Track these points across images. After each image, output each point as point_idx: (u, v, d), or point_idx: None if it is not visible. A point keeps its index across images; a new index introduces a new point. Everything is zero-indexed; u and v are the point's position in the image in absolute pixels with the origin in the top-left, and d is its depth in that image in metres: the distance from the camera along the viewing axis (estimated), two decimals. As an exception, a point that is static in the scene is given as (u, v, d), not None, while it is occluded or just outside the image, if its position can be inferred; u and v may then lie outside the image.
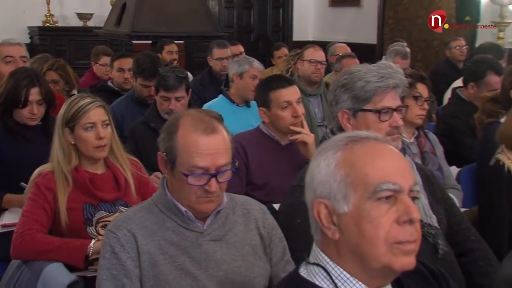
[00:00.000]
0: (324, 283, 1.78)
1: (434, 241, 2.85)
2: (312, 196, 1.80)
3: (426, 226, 2.86)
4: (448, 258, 2.89)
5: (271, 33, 13.77)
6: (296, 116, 3.98)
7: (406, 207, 1.71)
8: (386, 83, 2.83)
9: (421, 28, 11.35)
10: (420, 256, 2.47)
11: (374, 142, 1.81)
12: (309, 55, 6.28)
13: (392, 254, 1.71)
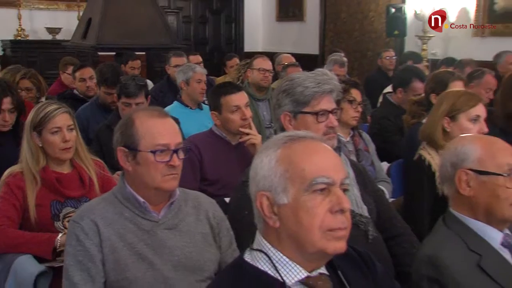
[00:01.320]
0: (266, 266, 1.79)
1: (365, 229, 2.89)
2: (255, 189, 1.81)
3: (358, 216, 2.90)
4: (377, 242, 2.93)
5: (225, 45, 13.75)
6: (245, 119, 4.00)
7: (338, 198, 1.74)
8: (322, 88, 2.87)
9: (357, 40, 11.49)
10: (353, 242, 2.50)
11: (310, 141, 1.83)
12: (258, 64, 6.30)
13: (326, 239, 1.73)
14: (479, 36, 9.37)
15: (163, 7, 12.43)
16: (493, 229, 2.37)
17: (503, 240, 2.38)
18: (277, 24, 13.30)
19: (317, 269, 1.82)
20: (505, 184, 2.33)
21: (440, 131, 3.55)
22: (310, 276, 1.79)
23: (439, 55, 9.35)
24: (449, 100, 3.59)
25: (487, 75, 5.62)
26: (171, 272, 2.43)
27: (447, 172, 2.44)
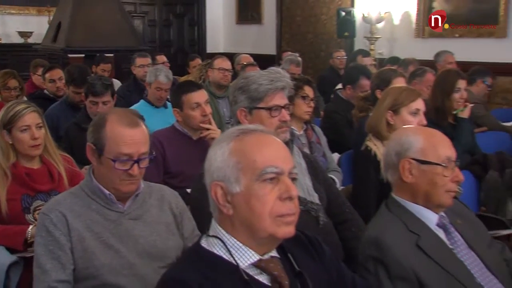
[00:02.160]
0: (221, 251, 1.80)
1: (316, 215, 2.91)
2: (210, 180, 1.82)
3: (309, 203, 2.92)
4: (328, 227, 2.96)
5: (188, 47, 13.68)
6: (205, 115, 4.00)
7: (286, 186, 1.75)
8: (275, 85, 2.88)
9: (311, 41, 11.52)
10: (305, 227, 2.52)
11: (260, 134, 1.84)
12: (218, 64, 6.31)
13: (276, 225, 1.74)
14: (420, 37, 9.48)
15: (130, 12, 12.41)
16: (430, 212, 2.43)
17: (439, 221, 2.44)
18: (237, 27, 13.28)
19: (268, 252, 1.83)
20: (442, 173, 2.38)
21: (384, 124, 3.59)
22: (262, 259, 1.81)
23: (385, 55, 9.43)
24: (392, 96, 3.63)
25: (428, 73, 5.70)
26: (136, 259, 2.41)
27: (391, 161, 2.47)
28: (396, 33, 9.88)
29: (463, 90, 4.81)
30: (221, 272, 1.76)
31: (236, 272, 1.76)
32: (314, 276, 1.88)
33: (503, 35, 8.45)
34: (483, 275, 2.38)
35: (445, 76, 4.91)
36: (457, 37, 8.92)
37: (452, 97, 4.73)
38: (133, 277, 2.38)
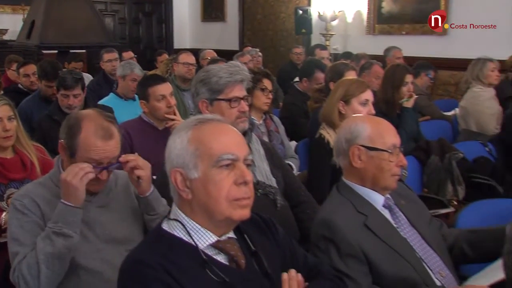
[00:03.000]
0: (181, 233, 1.78)
1: (274, 198, 2.92)
2: (170, 166, 1.80)
3: (267, 187, 2.93)
4: (285, 210, 2.97)
5: (156, 43, 13.55)
6: (170, 107, 3.98)
7: (241, 172, 1.75)
8: (234, 78, 2.87)
9: (271, 37, 11.52)
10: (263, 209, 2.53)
11: (216, 123, 1.83)
12: (183, 59, 6.27)
13: (232, 208, 1.74)
14: (370, 34, 9.54)
15: (101, 10, 12.29)
16: (377, 194, 2.44)
17: (384, 202, 2.45)
18: (202, 24, 13.21)
19: (226, 234, 1.82)
20: (388, 158, 2.40)
21: (337, 113, 3.61)
22: (219, 240, 1.80)
23: (339, 50, 9.49)
24: (343, 87, 3.65)
25: (375, 65, 5.78)
26: (103, 244, 2.38)
27: (342, 147, 2.48)
28: (349, 30, 9.94)
29: (410, 84, 4.89)
30: (181, 252, 1.74)
31: (195, 253, 1.74)
32: (268, 254, 1.88)
33: (443, 33, 8.51)
34: (424, 250, 2.41)
35: (394, 71, 4.96)
36: (403, 34, 9.02)
37: (400, 90, 4.81)
38: (101, 261, 2.35)
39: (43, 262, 2.20)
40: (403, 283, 2.26)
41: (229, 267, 1.79)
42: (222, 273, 1.74)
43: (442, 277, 2.36)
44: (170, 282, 1.66)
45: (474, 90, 5.90)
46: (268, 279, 1.83)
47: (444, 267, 2.41)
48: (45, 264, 2.20)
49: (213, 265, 1.75)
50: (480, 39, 7.62)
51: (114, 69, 6.80)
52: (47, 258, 2.20)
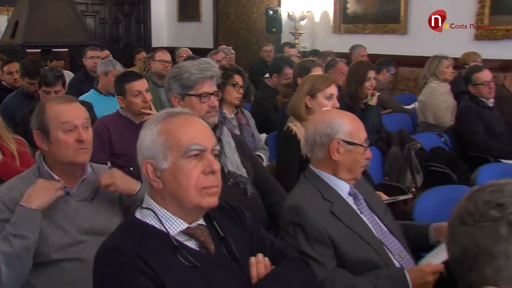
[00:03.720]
0: (153, 221, 1.77)
1: (244, 187, 2.92)
2: (141, 158, 1.79)
3: (238, 177, 2.92)
4: (255, 197, 2.97)
5: (135, 42, 13.44)
6: (145, 102, 3.96)
7: (209, 162, 1.73)
8: (204, 74, 2.86)
9: (243, 36, 11.52)
10: (235, 197, 2.53)
11: (185, 116, 1.81)
12: (159, 57, 6.20)
13: (201, 196, 1.73)
14: (337, 33, 9.57)
15: (82, 11, 12.25)
16: (344, 182, 2.45)
17: (350, 190, 2.47)
18: (178, 24, 13.15)
19: (196, 221, 1.81)
20: (362, 152, 2.44)
21: (303, 107, 3.60)
22: (190, 227, 1.78)
23: (307, 48, 9.48)
24: (309, 82, 3.64)
25: (340, 63, 5.81)
26: (84, 237, 2.36)
27: (319, 140, 2.45)
28: (316, 29, 9.96)
29: (373, 79, 4.91)
30: (153, 239, 1.72)
31: (166, 239, 1.73)
32: (237, 240, 1.87)
33: (404, 32, 8.64)
34: (384, 234, 2.43)
35: (357, 68, 4.98)
36: (367, 33, 9.06)
37: (364, 85, 4.83)
38: (81, 252, 2.33)
39: (3, 262, 2.18)
40: (365, 265, 2.28)
41: (199, 252, 1.78)
42: (193, 258, 1.72)
43: (401, 258, 2.39)
44: (143, 268, 1.64)
45: (431, 85, 5.97)
46: (236, 263, 1.83)
47: (402, 249, 2.44)
48: (5, 264, 2.18)
49: (184, 251, 1.73)
50: (436, 38, 7.69)
51: (96, 65, 6.70)
52: (6, 258, 2.18)
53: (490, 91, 5.16)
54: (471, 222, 1.09)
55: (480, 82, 5.14)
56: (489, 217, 1.07)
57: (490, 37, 7.55)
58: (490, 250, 1.06)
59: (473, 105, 5.16)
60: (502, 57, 6.95)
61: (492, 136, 5.07)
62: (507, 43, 7.37)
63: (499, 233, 1.05)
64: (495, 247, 1.05)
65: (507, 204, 1.06)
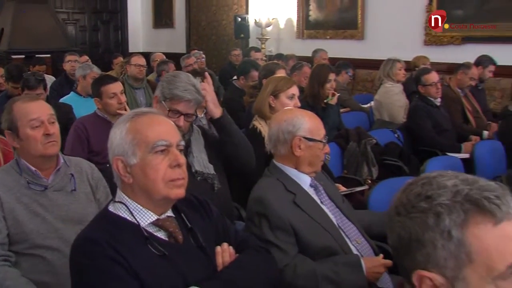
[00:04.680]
0: (125, 213, 1.75)
1: (212, 182, 2.88)
2: (112, 155, 1.77)
3: (206, 173, 2.87)
4: (222, 191, 2.93)
5: (113, 47, 13.29)
6: (120, 103, 3.91)
7: (175, 156, 1.74)
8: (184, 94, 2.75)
9: (214, 42, 11.49)
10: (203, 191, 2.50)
11: (151, 115, 1.81)
12: (134, 61, 6.16)
13: (169, 188, 1.72)
14: (300, 38, 9.60)
15: (64, 19, 12.15)
16: (305, 175, 2.46)
17: (311, 182, 2.48)
18: (153, 31, 13.07)
19: (165, 212, 1.80)
20: (321, 148, 2.46)
21: (267, 106, 3.58)
22: (159, 219, 1.77)
23: (273, 52, 9.49)
24: (272, 83, 3.63)
25: (305, 67, 5.79)
26: (60, 224, 2.33)
27: (282, 137, 2.46)
28: (281, 35, 9.97)
29: (333, 81, 4.93)
30: (125, 231, 1.71)
31: (137, 230, 1.72)
32: (203, 230, 1.87)
33: (361, 38, 8.71)
34: (342, 221, 2.45)
35: (319, 70, 4.99)
36: (328, 38, 9.10)
37: (325, 86, 4.84)
38: (58, 239, 2.31)
39: None
40: (325, 251, 2.29)
41: (168, 242, 1.77)
42: (162, 247, 1.72)
43: (357, 243, 2.41)
44: (116, 257, 1.63)
45: (385, 86, 6.02)
46: (203, 251, 1.82)
47: (359, 235, 2.47)
48: None
49: (154, 241, 1.72)
50: (390, 43, 7.79)
51: (74, 69, 6.61)
52: None
53: (438, 91, 5.23)
54: (404, 212, 1.10)
55: (428, 83, 5.20)
56: (419, 208, 1.08)
57: (438, 43, 7.71)
58: (420, 238, 1.07)
59: (423, 104, 5.21)
60: (448, 61, 7.04)
61: (439, 132, 5.13)
62: (452, 48, 7.52)
63: (427, 223, 1.06)
64: (424, 236, 1.06)
65: (434, 196, 1.07)
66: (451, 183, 1.08)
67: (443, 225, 1.05)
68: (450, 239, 1.05)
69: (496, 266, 1.03)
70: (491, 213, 1.04)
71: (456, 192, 1.07)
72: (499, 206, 1.04)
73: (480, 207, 1.04)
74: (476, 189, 1.06)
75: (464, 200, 1.05)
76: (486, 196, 1.05)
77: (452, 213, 1.05)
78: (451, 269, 1.05)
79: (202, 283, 1.72)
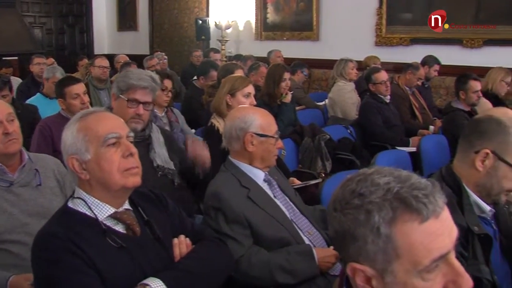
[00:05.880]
0: (84, 208, 1.75)
1: (172, 178, 2.89)
2: (66, 155, 1.77)
3: (166, 169, 2.87)
4: (182, 187, 2.95)
5: (79, 50, 13.02)
6: (83, 103, 3.86)
7: (126, 146, 1.77)
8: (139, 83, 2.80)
9: (176, 43, 11.37)
10: (164, 187, 2.50)
11: (98, 113, 1.84)
12: (98, 63, 6.10)
13: (124, 177, 1.74)
14: (258, 40, 9.61)
15: (31, 23, 11.86)
16: (259, 170, 2.48)
17: (265, 177, 2.50)
18: (118, 33, 12.85)
19: (122, 205, 1.80)
20: (273, 143, 2.48)
21: (225, 105, 3.59)
22: (117, 212, 1.78)
23: (233, 53, 9.47)
24: (229, 83, 3.64)
25: (261, 67, 5.80)
26: (28, 219, 2.30)
27: (235, 134, 2.48)
28: (240, 36, 9.96)
29: (288, 80, 4.96)
30: (84, 225, 1.71)
31: (96, 224, 1.72)
32: (160, 223, 1.87)
33: (316, 39, 8.77)
34: (295, 214, 2.48)
35: (275, 69, 5.01)
36: (285, 39, 9.13)
37: (280, 85, 4.85)
38: (25, 234, 2.27)
39: None
40: (278, 242, 2.32)
41: (126, 234, 1.77)
42: (120, 240, 1.72)
43: (309, 234, 2.45)
44: (76, 251, 1.63)
45: (339, 84, 6.08)
46: (160, 243, 1.83)
47: (311, 227, 2.49)
48: None
49: (112, 234, 1.72)
50: (344, 44, 7.88)
51: (42, 71, 6.49)
52: None
53: (387, 89, 5.32)
54: (339, 208, 1.12)
55: (378, 82, 5.29)
56: (352, 205, 1.10)
57: (387, 44, 7.83)
58: (352, 233, 1.09)
59: (373, 101, 5.30)
60: (397, 61, 7.17)
61: (389, 127, 5.22)
62: (401, 49, 7.66)
63: (359, 219, 1.08)
64: (356, 231, 1.08)
65: (367, 194, 1.09)
66: (384, 180, 1.10)
67: (373, 221, 1.07)
68: (379, 235, 1.07)
69: (421, 261, 1.06)
70: (417, 211, 1.06)
71: (387, 190, 1.08)
72: (426, 205, 1.06)
73: (408, 205, 1.06)
74: (406, 187, 1.08)
75: (393, 199, 1.07)
76: (414, 195, 1.07)
77: (382, 211, 1.07)
78: (380, 262, 1.08)
79: (160, 274, 1.72)
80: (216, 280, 1.91)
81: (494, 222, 2.01)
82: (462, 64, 6.73)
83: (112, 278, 1.65)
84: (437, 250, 1.06)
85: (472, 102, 4.88)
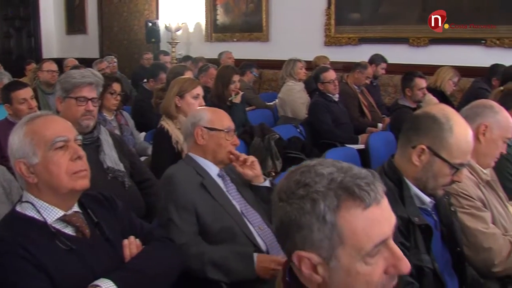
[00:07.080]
0: (32, 212, 1.75)
1: (122, 180, 2.88)
2: (13, 160, 1.77)
3: (116, 171, 2.87)
4: (132, 189, 2.94)
5: (27, 54, 12.63)
6: (31, 108, 3.80)
7: (74, 149, 1.78)
8: (84, 80, 2.83)
9: (126, 46, 11.22)
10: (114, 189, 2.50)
11: (45, 116, 1.84)
12: (46, 67, 6.07)
13: (73, 180, 1.75)
14: (208, 41, 9.63)
15: (-23, 28, 11.45)
16: (212, 164, 2.56)
17: (219, 172, 2.57)
18: (66, 37, 12.58)
19: (71, 208, 1.81)
20: (225, 137, 2.54)
21: (174, 106, 3.59)
22: (66, 214, 1.78)
23: (183, 55, 9.44)
24: (178, 84, 3.65)
25: (211, 69, 5.84)
26: None
27: (188, 130, 2.58)
28: (191, 38, 9.95)
29: (237, 82, 5.01)
30: (32, 228, 1.71)
31: (45, 227, 1.72)
32: (109, 225, 1.89)
33: (266, 40, 8.86)
34: (247, 210, 2.53)
35: (224, 72, 5.05)
36: (235, 41, 9.18)
37: (229, 87, 4.90)
38: None
39: None
40: (225, 233, 2.39)
41: (75, 237, 1.77)
42: (70, 242, 1.72)
43: (260, 230, 2.50)
44: (25, 254, 1.63)
45: (288, 84, 6.14)
46: (110, 245, 1.84)
47: (262, 222, 2.54)
48: None
49: (61, 237, 1.72)
50: (293, 44, 7.98)
51: None
52: None
53: (335, 88, 5.42)
54: (285, 198, 1.14)
55: (326, 81, 5.38)
56: (297, 195, 1.12)
57: (336, 44, 8.00)
58: (298, 222, 1.11)
59: (322, 100, 5.38)
60: (346, 60, 7.33)
61: (338, 125, 5.31)
62: (349, 48, 7.84)
63: (304, 208, 1.11)
64: (301, 220, 1.11)
65: (311, 183, 1.12)
66: (328, 171, 1.13)
67: (318, 210, 1.10)
68: (325, 222, 1.10)
69: (364, 246, 1.11)
70: (360, 199, 1.10)
71: (331, 180, 1.12)
72: (368, 193, 1.11)
73: (352, 193, 1.10)
74: (349, 176, 1.12)
75: (337, 187, 1.11)
76: (357, 184, 1.11)
77: (327, 199, 1.10)
78: (325, 249, 1.11)
79: (111, 274, 1.74)
80: (167, 279, 1.93)
81: (435, 212, 2.09)
82: (408, 63, 6.91)
83: (63, 281, 1.66)
84: (378, 235, 1.11)
85: (418, 99, 5.02)
